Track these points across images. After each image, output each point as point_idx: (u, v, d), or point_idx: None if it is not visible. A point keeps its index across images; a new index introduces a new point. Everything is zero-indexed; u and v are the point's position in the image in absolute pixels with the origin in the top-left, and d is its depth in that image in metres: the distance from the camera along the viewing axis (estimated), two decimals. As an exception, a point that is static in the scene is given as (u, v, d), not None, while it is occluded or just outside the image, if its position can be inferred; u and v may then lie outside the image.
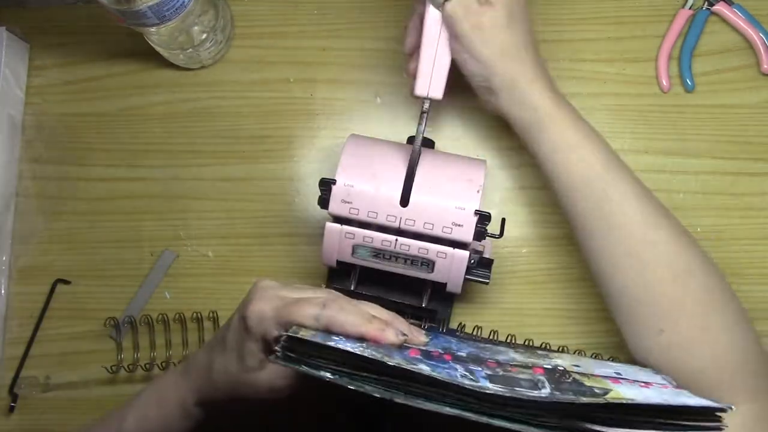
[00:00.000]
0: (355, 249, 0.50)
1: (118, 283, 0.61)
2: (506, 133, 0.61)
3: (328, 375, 0.33)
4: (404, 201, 0.48)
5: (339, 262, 0.52)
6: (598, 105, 0.61)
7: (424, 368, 0.33)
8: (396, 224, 0.49)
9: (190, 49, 0.59)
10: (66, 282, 0.60)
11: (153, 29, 0.54)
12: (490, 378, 0.35)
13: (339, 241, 0.50)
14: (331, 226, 0.50)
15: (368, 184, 0.49)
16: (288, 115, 0.62)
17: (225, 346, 0.40)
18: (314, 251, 0.59)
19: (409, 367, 0.33)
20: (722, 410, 0.33)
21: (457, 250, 0.49)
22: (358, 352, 0.33)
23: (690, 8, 0.62)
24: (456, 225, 0.48)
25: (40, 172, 0.62)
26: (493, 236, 0.51)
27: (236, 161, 0.61)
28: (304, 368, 0.34)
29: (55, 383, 0.59)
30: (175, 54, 0.60)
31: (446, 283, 0.51)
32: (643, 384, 0.39)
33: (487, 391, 0.32)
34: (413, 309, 0.55)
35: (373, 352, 0.34)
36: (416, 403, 0.32)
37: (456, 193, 0.49)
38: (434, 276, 0.51)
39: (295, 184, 0.61)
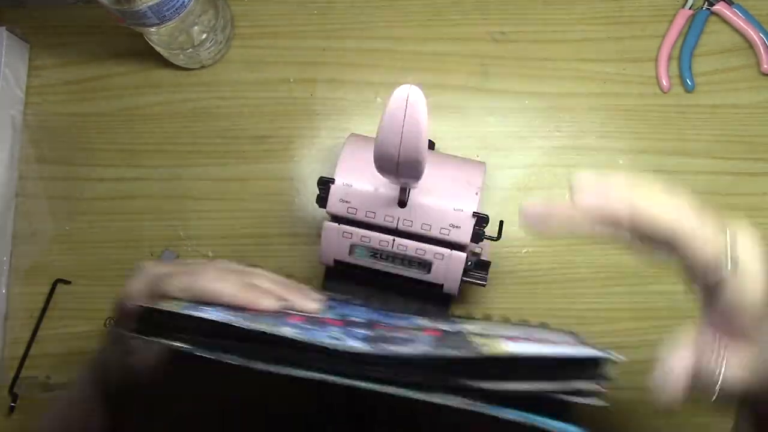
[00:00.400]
0: (352, 248, 0.50)
1: (118, 283, 0.60)
2: (506, 133, 0.61)
3: (184, 345, 0.31)
4: (402, 202, 0.48)
5: (337, 262, 0.52)
6: (598, 105, 0.61)
7: (286, 331, 0.30)
8: (394, 225, 0.49)
9: (190, 49, 0.59)
10: (66, 282, 0.60)
11: (153, 29, 0.54)
12: (367, 339, 0.32)
13: (337, 241, 0.50)
14: (329, 225, 0.50)
15: (367, 184, 0.49)
16: (288, 115, 0.62)
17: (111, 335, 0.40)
18: (314, 251, 0.59)
19: (268, 329, 0.30)
20: (605, 360, 0.31)
21: (454, 251, 0.49)
22: (214, 318, 0.31)
23: (690, 8, 0.62)
24: (454, 227, 0.48)
25: (40, 172, 0.62)
26: (491, 239, 0.51)
27: (236, 161, 0.61)
28: (160, 340, 0.31)
29: (55, 383, 0.59)
30: (175, 54, 0.60)
31: (443, 285, 0.51)
32: (539, 340, 0.36)
33: (346, 350, 0.30)
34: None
35: (241, 320, 0.31)
36: (279, 370, 0.30)
37: (454, 194, 0.49)
38: (431, 277, 0.51)
39: (295, 184, 0.61)
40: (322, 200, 0.50)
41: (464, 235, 0.48)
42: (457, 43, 0.63)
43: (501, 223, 0.52)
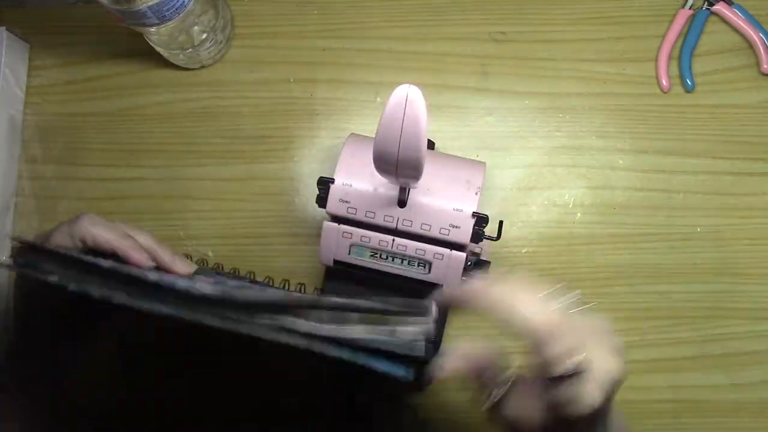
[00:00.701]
0: (352, 248, 0.50)
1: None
2: (506, 133, 0.61)
3: (54, 278, 0.36)
4: (402, 202, 0.48)
5: (336, 261, 0.52)
6: (598, 105, 0.61)
7: (149, 276, 0.35)
8: (393, 225, 0.49)
9: (190, 49, 0.59)
10: None
11: (153, 29, 0.54)
12: (216, 284, 0.37)
13: (336, 240, 0.50)
14: (328, 225, 0.50)
15: (366, 184, 0.49)
16: (288, 115, 0.62)
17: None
18: (314, 251, 0.59)
19: (128, 271, 0.35)
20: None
21: (454, 251, 0.49)
22: (84, 259, 0.36)
23: (690, 8, 0.62)
24: (453, 227, 0.48)
25: (40, 172, 0.62)
26: (490, 238, 0.51)
27: (236, 161, 0.61)
28: (32, 272, 0.37)
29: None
30: (175, 54, 0.60)
31: (443, 285, 0.51)
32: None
33: (196, 291, 0.34)
34: None
35: (111, 263, 0.36)
36: (135, 303, 0.35)
37: (454, 194, 0.49)
38: (431, 277, 0.50)
39: (295, 184, 0.61)
40: (321, 200, 0.50)
41: (464, 235, 0.48)
42: (457, 43, 0.63)
43: (501, 223, 0.52)
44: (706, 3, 0.62)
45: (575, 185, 0.60)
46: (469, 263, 0.51)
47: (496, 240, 0.51)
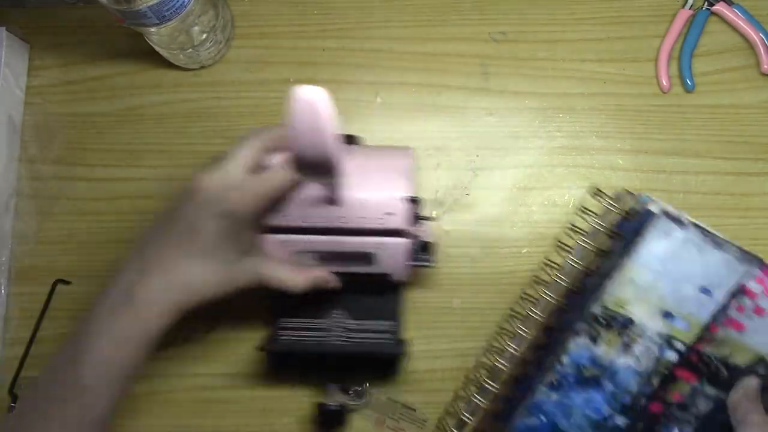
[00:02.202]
0: (296, 255, 0.50)
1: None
2: (506, 133, 0.61)
3: None
4: (334, 200, 0.49)
5: None
6: (598, 105, 0.61)
7: None
8: (330, 224, 0.49)
9: (190, 49, 0.59)
10: (66, 282, 0.60)
11: (153, 29, 0.54)
12: None
13: (280, 251, 0.50)
14: (267, 238, 0.50)
15: (296, 189, 0.48)
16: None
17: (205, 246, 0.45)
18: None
19: None
20: None
21: (394, 238, 0.50)
22: None
23: (690, 8, 0.62)
24: (388, 214, 0.48)
25: (39, 172, 0.62)
26: (428, 219, 0.51)
27: (236, 161, 0.61)
28: None
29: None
30: (175, 54, 0.60)
31: (391, 273, 0.51)
32: None
33: None
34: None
35: None
36: None
37: (383, 182, 0.49)
38: (377, 268, 0.51)
39: (295, 184, 0.61)
40: None
41: (400, 221, 0.49)
42: (457, 43, 0.63)
43: (418, 198, 0.52)
44: (706, 3, 0.62)
45: (575, 185, 0.60)
46: (413, 247, 0.51)
47: (433, 220, 0.51)
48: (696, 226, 0.49)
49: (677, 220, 0.48)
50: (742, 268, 0.48)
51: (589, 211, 0.54)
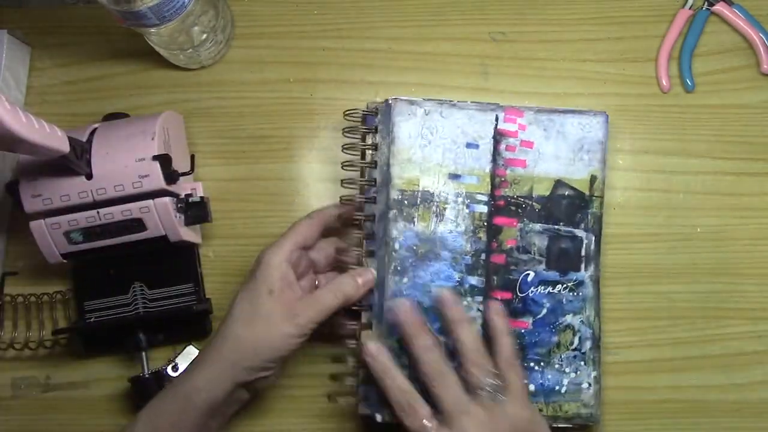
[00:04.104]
0: (68, 236, 0.51)
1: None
2: (506, 133, 0.61)
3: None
4: (88, 174, 0.49)
5: (65, 255, 0.52)
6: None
7: None
8: (90, 198, 0.49)
9: (190, 50, 0.59)
10: (13, 273, 0.60)
11: (153, 30, 0.54)
12: None
13: (50, 235, 0.51)
14: (33, 224, 0.50)
15: (48, 171, 0.49)
16: (288, 115, 0.62)
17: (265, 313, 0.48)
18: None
19: None
20: None
21: (157, 199, 0.50)
22: None
23: (690, 8, 0.62)
24: (142, 176, 0.49)
25: (40, 173, 0.62)
26: (184, 174, 0.52)
27: (236, 161, 0.61)
28: None
29: (55, 383, 0.59)
30: (175, 54, 0.60)
31: (166, 235, 0.52)
32: None
33: None
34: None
35: None
36: None
37: (131, 147, 0.50)
38: (150, 233, 0.51)
39: (295, 184, 0.61)
40: (18, 205, 0.50)
41: (156, 181, 0.49)
42: (457, 43, 0.63)
43: (192, 156, 0.55)
44: (706, 3, 0.62)
45: (575, 185, 0.60)
46: (180, 205, 0.52)
47: (190, 173, 0.53)
48: (428, 99, 0.53)
49: (411, 102, 0.53)
50: (487, 117, 0.53)
51: (347, 129, 0.55)
